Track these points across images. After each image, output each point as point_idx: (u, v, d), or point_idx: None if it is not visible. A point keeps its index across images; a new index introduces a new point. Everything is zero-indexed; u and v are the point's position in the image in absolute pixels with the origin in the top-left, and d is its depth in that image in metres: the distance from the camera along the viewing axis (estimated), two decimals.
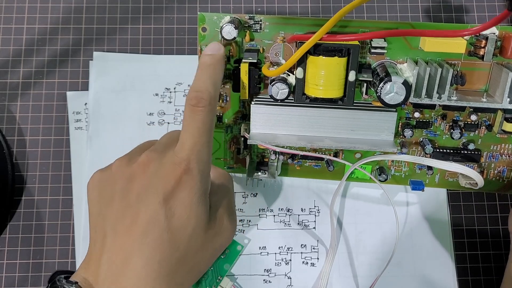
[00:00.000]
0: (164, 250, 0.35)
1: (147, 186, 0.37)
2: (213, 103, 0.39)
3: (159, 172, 0.37)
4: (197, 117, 0.38)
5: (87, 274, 0.36)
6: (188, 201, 0.36)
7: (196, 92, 0.38)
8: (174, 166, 0.37)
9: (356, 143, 0.45)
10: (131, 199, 0.37)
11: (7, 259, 0.51)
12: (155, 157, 0.38)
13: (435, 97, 0.41)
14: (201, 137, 0.38)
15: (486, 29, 0.38)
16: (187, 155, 0.37)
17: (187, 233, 0.36)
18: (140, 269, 0.35)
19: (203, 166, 0.38)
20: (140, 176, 0.37)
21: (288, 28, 0.43)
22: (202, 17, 0.44)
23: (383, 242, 0.51)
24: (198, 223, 0.37)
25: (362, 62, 0.44)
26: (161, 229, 0.35)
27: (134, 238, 0.35)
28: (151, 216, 0.36)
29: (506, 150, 0.47)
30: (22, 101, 0.54)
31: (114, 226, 0.36)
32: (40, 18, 0.56)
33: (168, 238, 0.35)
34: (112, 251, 0.36)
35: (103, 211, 0.37)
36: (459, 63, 0.43)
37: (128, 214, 0.36)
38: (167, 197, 0.36)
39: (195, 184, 0.37)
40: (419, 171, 0.49)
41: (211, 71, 0.40)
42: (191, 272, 0.38)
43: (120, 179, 0.38)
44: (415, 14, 0.56)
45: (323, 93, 0.41)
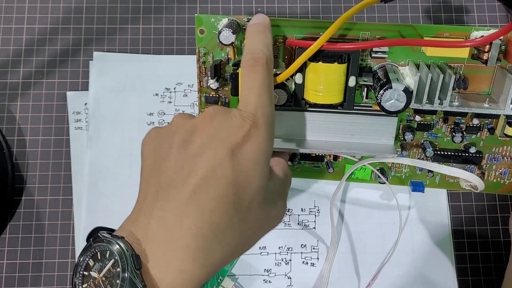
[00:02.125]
0: (226, 208, 0.32)
1: (212, 137, 0.34)
2: (270, 62, 0.37)
3: (226, 124, 0.34)
4: (256, 75, 0.36)
5: (135, 228, 0.32)
6: (256, 158, 0.34)
7: (251, 53, 0.37)
8: (243, 119, 0.34)
9: (355, 148, 0.45)
10: (192, 151, 0.33)
11: (7, 259, 0.51)
12: (221, 110, 0.35)
13: (436, 103, 0.41)
14: (263, 94, 0.36)
15: (489, 41, 0.38)
16: (254, 110, 0.35)
17: (251, 193, 0.33)
18: (197, 227, 0.31)
19: (270, 122, 0.35)
20: (204, 127, 0.34)
21: (287, 30, 0.43)
22: (199, 19, 0.44)
23: (383, 242, 0.51)
24: (262, 186, 0.34)
25: (362, 65, 0.43)
26: (226, 183, 0.32)
27: (192, 191, 0.32)
28: (215, 168, 0.32)
29: (508, 152, 0.47)
30: (22, 101, 0.54)
31: (170, 179, 0.33)
32: (40, 18, 0.56)
33: (231, 194, 0.32)
34: (165, 205, 0.32)
35: (159, 164, 0.34)
36: (462, 65, 0.43)
37: (188, 165, 0.33)
38: (235, 150, 0.33)
39: (263, 141, 0.34)
40: (419, 172, 0.49)
41: (261, 35, 0.39)
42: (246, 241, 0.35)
43: (181, 132, 0.35)
44: (415, 14, 0.56)
45: (322, 99, 0.41)
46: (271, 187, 0.36)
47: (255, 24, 0.40)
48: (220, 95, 0.47)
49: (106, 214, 0.51)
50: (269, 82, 0.36)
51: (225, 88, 0.46)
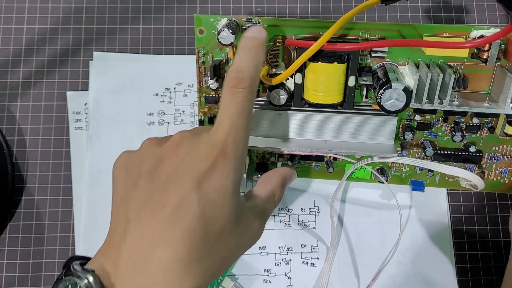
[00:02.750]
0: (194, 242, 0.31)
1: (178, 168, 0.33)
2: (254, 85, 0.36)
3: (193, 153, 0.34)
4: (237, 98, 0.35)
5: (105, 261, 0.32)
6: (223, 188, 0.33)
7: (236, 72, 0.35)
8: (210, 147, 0.34)
9: (355, 147, 0.45)
10: (159, 182, 0.33)
11: (7, 259, 0.51)
12: (189, 137, 0.35)
13: (436, 102, 0.41)
14: (239, 120, 0.35)
15: (489, 42, 0.38)
16: (224, 137, 0.34)
17: (220, 223, 0.33)
18: (166, 261, 0.31)
19: (239, 152, 0.34)
20: (171, 157, 0.34)
21: (286, 30, 0.43)
22: (198, 19, 0.44)
23: (383, 242, 0.51)
24: (231, 214, 0.33)
25: (362, 64, 0.43)
26: (193, 216, 0.32)
27: (160, 225, 0.32)
28: (181, 201, 0.32)
29: (508, 151, 0.47)
30: (22, 101, 0.54)
31: (138, 211, 0.33)
32: (40, 18, 0.56)
33: (199, 227, 0.32)
34: (135, 238, 0.32)
35: (128, 193, 0.34)
36: (462, 65, 0.43)
37: (155, 197, 0.32)
38: (201, 181, 0.32)
39: (230, 171, 0.33)
40: (419, 171, 0.49)
41: (253, 53, 0.37)
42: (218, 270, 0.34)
43: (148, 160, 0.34)
44: (415, 14, 0.56)
45: (322, 99, 0.41)
46: (248, 207, 0.36)
47: (249, 38, 0.38)
48: (220, 95, 0.47)
49: (106, 214, 0.51)
50: (248, 107, 0.35)
51: None
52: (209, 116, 0.48)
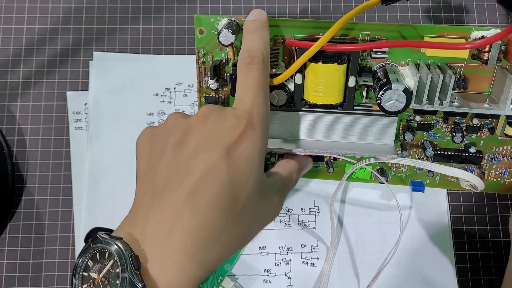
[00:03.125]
0: (222, 209, 0.32)
1: (207, 138, 0.34)
2: (267, 61, 0.38)
3: (221, 124, 0.34)
4: (253, 73, 0.36)
5: (132, 230, 0.33)
6: (251, 157, 0.34)
7: (248, 51, 0.37)
8: (238, 119, 0.34)
9: (355, 148, 0.45)
10: (187, 152, 0.34)
11: (7, 259, 0.51)
12: (216, 109, 0.35)
13: (436, 103, 0.41)
14: (259, 92, 0.36)
15: (489, 43, 0.38)
16: (249, 109, 0.35)
17: (246, 192, 0.33)
18: (195, 229, 0.32)
19: (264, 122, 0.36)
20: (199, 128, 0.34)
21: (286, 31, 0.43)
22: (198, 19, 0.44)
23: (383, 242, 0.51)
24: (256, 185, 0.34)
25: (362, 65, 0.43)
26: (222, 183, 0.32)
27: (188, 193, 0.32)
28: (210, 169, 0.32)
29: (508, 152, 0.47)
30: (22, 101, 0.54)
31: (165, 181, 0.33)
32: (40, 18, 0.55)
33: (227, 195, 0.32)
34: (162, 207, 0.32)
35: (154, 165, 0.34)
36: (462, 65, 0.43)
37: (183, 166, 0.33)
38: (230, 150, 0.33)
39: (258, 140, 0.34)
40: (419, 171, 0.49)
41: (259, 33, 0.39)
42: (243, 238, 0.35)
43: (176, 131, 0.35)
44: (415, 14, 0.56)
45: (322, 100, 0.41)
46: (268, 183, 0.37)
47: (252, 21, 0.40)
48: (220, 96, 0.47)
49: (106, 214, 0.51)
50: (265, 81, 0.37)
51: (224, 88, 0.46)
52: None
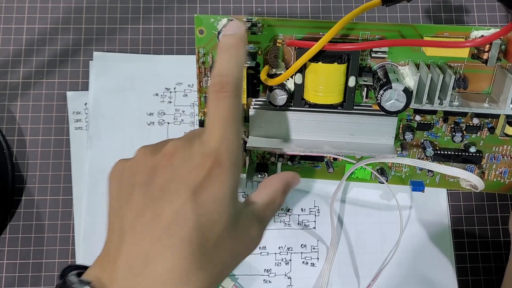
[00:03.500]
0: (191, 252, 0.31)
1: (172, 178, 0.32)
2: (239, 87, 0.35)
3: (187, 163, 0.33)
4: (223, 103, 0.34)
5: (101, 273, 0.32)
6: (220, 196, 0.32)
7: (219, 76, 0.35)
8: (204, 157, 0.33)
9: (355, 148, 0.45)
10: (153, 193, 0.32)
11: (7, 259, 0.51)
12: (182, 147, 0.34)
13: (436, 103, 0.41)
14: (230, 126, 0.34)
15: (489, 41, 0.38)
16: (216, 145, 0.33)
17: (218, 232, 0.32)
18: (163, 273, 0.31)
19: (234, 158, 0.34)
20: (165, 167, 0.33)
21: (286, 30, 0.43)
22: (198, 19, 0.44)
23: (383, 242, 0.51)
24: (229, 222, 0.33)
25: (362, 64, 0.43)
26: (190, 227, 0.31)
27: (156, 237, 0.31)
28: (177, 212, 0.31)
29: (508, 152, 0.47)
30: (22, 101, 0.54)
31: (133, 223, 0.32)
32: (40, 18, 0.56)
33: (196, 237, 0.31)
34: (130, 251, 0.32)
35: (122, 205, 0.33)
36: (462, 65, 0.43)
37: (150, 209, 0.32)
38: (196, 191, 0.32)
39: (227, 178, 0.33)
40: (419, 171, 0.49)
41: (234, 51, 0.36)
42: (216, 279, 0.34)
43: (142, 170, 0.34)
44: (415, 14, 0.56)
45: (322, 99, 0.41)
46: (245, 214, 0.35)
47: (228, 36, 0.37)
48: None
49: (106, 214, 0.51)
50: (236, 111, 0.35)
51: None
52: None
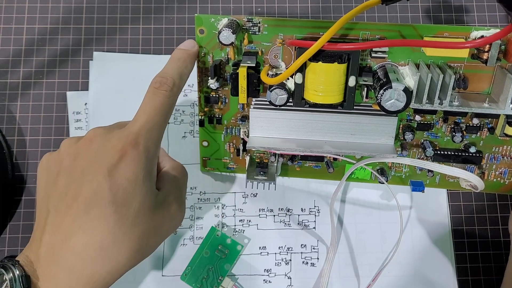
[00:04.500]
0: (108, 226, 0.34)
1: (92, 160, 0.36)
2: (175, 90, 0.40)
3: (105, 146, 0.36)
4: (157, 98, 0.39)
5: (29, 253, 0.35)
6: (133, 176, 0.35)
7: (160, 77, 0.40)
8: (120, 139, 0.36)
9: (355, 147, 0.45)
10: (75, 175, 0.36)
11: None
12: (101, 132, 0.37)
13: (436, 103, 0.41)
14: (155, 116, 0.38)
15: (489, 42, 0.38)
16: (137, 130, 0.37)
17: (133, 209, 0.35)
18: (81, 247, 0.34)
19: (151, 144, 0.37)
20: (85, 152, 0.37)
21: (287, 30, 0.43)
22: (199, 19, 0.44)
23: (383, 242, 0.51)
24: (145, 201, 0.36)
25: (362, 64, 0.43)
26: (105, 202, 0.34)
27: (75, 215, 0.34)
28: (94, 190, 0.34)
29: (508, 152, 0.47)
30: (22, 101, 0.54)
31: (56, 204, 0.35)
32: (40, 18, 0.56)
33: (112, 213, 0.34)
34: (53, 229, 0.35)
35: (49, 190, 0.37)
36: (462, 65, 0.43)
37: (71, 190, 0.35)
38: (112, 170, 0.35)
39: (140, 160, 0.36)
40: (419, 171, 0.49)
41: (181, 63, 0.41)
42: (136, 253, 0.36)
43: (66, 157, 0.37)
44: (415, 14, 0.56)
45: (322, 99, 0.41)
46: (161, 194, 0.39)
47: (180, 50, 0.42)
48: (220, 95, 0.47)
49: None
50: (166, 108, 0.39)
51: (225, 88, 0.46)
52: (209, 116, 0.48)
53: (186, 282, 0.49)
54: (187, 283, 0.49)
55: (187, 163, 0.52)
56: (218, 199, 0.52)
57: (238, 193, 0.52)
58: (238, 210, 0.52)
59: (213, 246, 0.50)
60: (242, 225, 0.51)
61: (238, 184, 0.52)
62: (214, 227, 0.51)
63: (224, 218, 0.51)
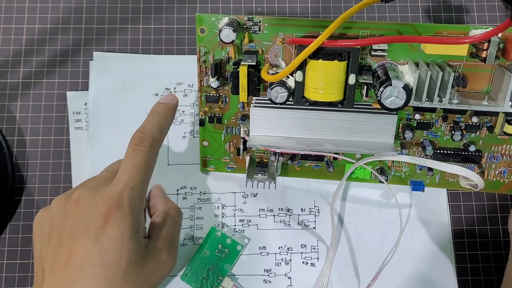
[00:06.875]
0: (99, 286, 0.35)
1: (78, 223, 0.37)
2: (155, 145, 0.41)
3: (90, 209, 0.38)
4: (137, 155, 0.39)
5: None
6: (119, 236, 0.37)
7: (140, 133, 0.41)
8: (104, 202, 0.37)
9: (355, 146, 0.45)
10: (64, 237, 0.37)
11: (7, 259, 0.51)
12: (87, 194, 0.38)
13: (435, 101, 0.41)
14: (137, 174, 0.39)
15: (488, 38, 0.38)
16: (120, 190, 0.38)
17: (122, 268, 0.36)
18: None
19: (134, 202, 0.38)
20: (72, 214, 0.38)
21: (287, 29, 0.43)
22: (200, 18, 0.44)
23: (383, 242, 0.51)
24: (132, 257, 0.37)
25: (362, 63, 0.43)
26: (95, 264, 0.36)
27: (69, 276, 0.36)
28: (83, 254, 0.36)
29: (507, 151, 0.47)
30: (22, 101, 0.54)
31: (51, 264, 0.37)
32: (40, 18, 0.56)
33: (102, 274, 0.36)
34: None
35: (42, 249, 0.38)
36: (461, 64, 0.43)
37: (63, 251, 0.37)
38: (98, 233, 0.36)
39: (125, 219, 0.37)
40: (419, 171, 0.49)
41: (161, 117, 0.42)
42: None
43: (56, 217, 0.39)
44: (415, 14, 0.56)
45: (323, 97, 0.41)
46: (150, 243, 0.40)
47: (160, 104, 0.43)
48: (221, 94, 0.47)
49: None
50: (147, 163, 0.40)
51: (225, 87, 0.46)
52: (210, 115, 0.48)
53: (186, 282, 0.49)
54: (187, 283, 0.49)
55: (187, 163, 0.52)
56: (218, 199, 0.52)
57: (238, 193, 0.52)
58: (238, 210, 0.52)
59: (213, 246, 0.50)
60: (242, 225, 0.51)
61: (238, 184, 0.52)
62: (214, 227, 0.51)
63: (224, 218, 0.51)
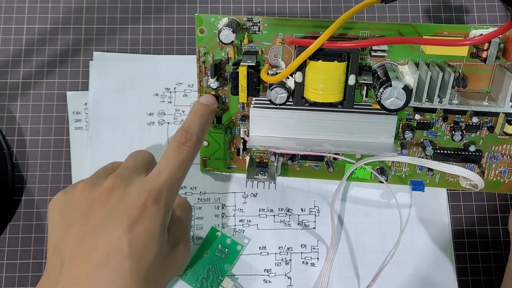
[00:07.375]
0: (124, 278, 0.35)
1: (110, 213, 0.36)
2: (198, 146, 0.41)
3: (124, 200, 0.37)
4: (181, 154, 0.40)
5: None
6: (152, 231, 0.36)
7: (186, 132, 0.41)
8: (140, 194, 0.37)
9: (355, 146, 0.45)
10: (91, 226, 0.36)
11: (7, 259, 0.51)
12: (120, 183, 0.38)
13: (436, 101, 0.41)
14: (178, 172, 0.39)
15: (488, 39, 0.38)
16: (160, 186, 0.38)
17: (148, 261, 0.36)
18: None
19: (170, 199, 0.38)
20: (103, 203, 0.37)
21: (286, 30, 0.43)
22: (199, 19, 0.44)
23: (383, 242, 0.51)
24: (160, 252, 0.37)
25: (362, 64, 0.43)
26: (123, 257, 0.35)
27: (92, 268, 0.35)
28: (113, 244, 0.35)
29: (508, 151, 0.47)
30: (22, 101, 0.54)
31: (72, 253, 0.36)
32: (40, 18, 0.56)
33: (129, 267, 0.35)
34: (68, 280, 0.35)
35: (63, 235, 0.37)
36: (461, 64, 0.43)
37: (88, 241, 0.35)
38: (132, 225, 0.36)
39: (160, 215, 0.37)
40: (419, 171, 0.49)
41: (204, 119, 0.43)
42: None
43: (82, 204, 0.37)
44: (415, 14, 0.56)
45: (322, 98, 0.41)
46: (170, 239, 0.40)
47: (202, 105, 0.44)
48: (220, 95, 0.47)
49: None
50: (188, 164, 0.40)
51: (225, 87, 0.46)
52: None
53: (186, 282, 0.49)
54: (187, 283, 0.49)
55: None
56: (218, 199, 0.52)
57: (238, 193, 0.52)
58: (238, 210, 0.52)
59: (213, 246, 0.50)
60: (242, 225, 0.51)
61: (238, 184, 0.52)
62: (214, 227, 0.51)
63: (224, 218, 0.51)
